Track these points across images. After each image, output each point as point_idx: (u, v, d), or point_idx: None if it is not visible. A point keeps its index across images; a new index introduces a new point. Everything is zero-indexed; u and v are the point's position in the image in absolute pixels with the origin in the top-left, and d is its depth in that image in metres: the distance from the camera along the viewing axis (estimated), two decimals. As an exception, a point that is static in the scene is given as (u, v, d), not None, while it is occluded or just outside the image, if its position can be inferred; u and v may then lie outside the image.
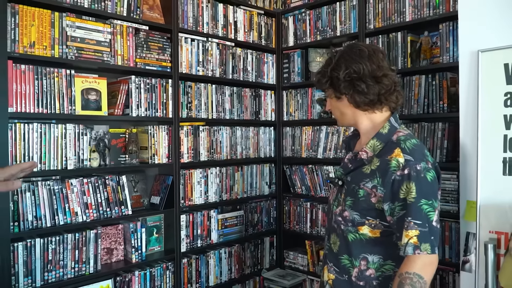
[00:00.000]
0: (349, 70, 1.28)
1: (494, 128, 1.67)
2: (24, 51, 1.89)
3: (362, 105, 1.31)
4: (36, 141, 1.93)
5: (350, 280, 1.30)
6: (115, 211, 2.20)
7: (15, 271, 1.87)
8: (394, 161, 1.20)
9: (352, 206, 1.28)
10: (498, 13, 1.71)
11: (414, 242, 1.15)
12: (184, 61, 2.51)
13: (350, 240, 1.29)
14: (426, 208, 1.17)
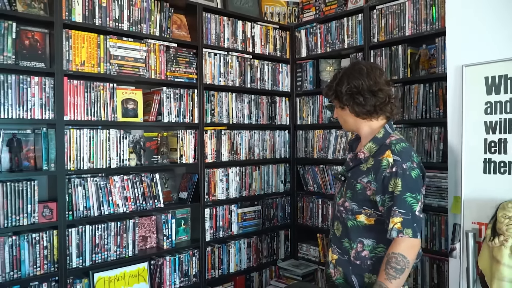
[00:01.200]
0: (350, 85, 1.57)
1: (476, 132, 1.93)
2: (76, 69, 2.25)
3: (361, 114, 1.60)
4: (86, 144, 2.29)
5: (349, 260, 1.57)
6: (149, 204, 2.54)
7: (69, 252, 2.23)
8: (385, 160, 1.48)
9: (351, 198, 1.57)
10: (480, 32, 1.97)
11: (398, 227, 1.41)
12: (208, 73, 2.84)
13: (349, 226, 1.57)
14: (410, 200, 1.43)
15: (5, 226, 2.04)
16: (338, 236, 1.63)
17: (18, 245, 2.08)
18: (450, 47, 2.07)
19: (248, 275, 3.10)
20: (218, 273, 2.90)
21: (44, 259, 2.16)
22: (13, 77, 2.07)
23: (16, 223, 2.07)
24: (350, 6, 3.04)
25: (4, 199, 2.04)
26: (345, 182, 1.63)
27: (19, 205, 2.08)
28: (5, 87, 2.04)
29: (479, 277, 1.81)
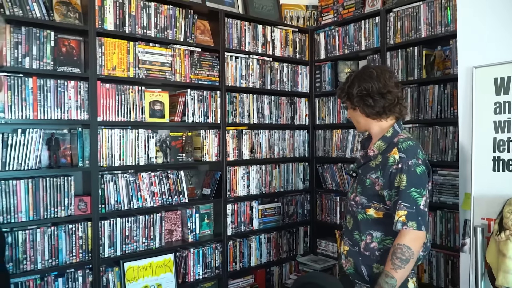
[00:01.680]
0: (361, 88, 1.68)
1: (485, 131, 2.01)
2: (108, 73, 2.43)
3: (371, 115, 1.71)
4: (117, 143, 2.47)
5: (359, 251, 1.68)
6: (175, 199, 2.71)
7: (102, 242, 2.41)
8: (392, 157, 1.58)
9: (361, 192, 1.68)
10: (489, 34, 2.05)
11: (403, 220, 1.50)
12: (229, 76, 2.99)
13: (359, 219, 1.68)
14: (415, 195, 1.52)
15: (44, 218, 2.23)
16: (350, 229, 1.74)
17: (56, 235, 2.28)
18: (461, 50, 2.16)
19: (268, 269, 3.23)
20: (240, 266, 3.04)
21: (79, 248, 2.35)
22: (52, 81, 2.27)
23: (55, 215, 2.27)
24: (367, 9, 3.13)
25: (44, 193, 2.24)
26: (356, 178, 1.74)
27: (57, 198, 2.27)
28: (44, 91, 2.24)
29: (487, 270, 1.89)
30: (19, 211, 2.16)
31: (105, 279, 2.44)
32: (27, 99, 2.19)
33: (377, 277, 1.59)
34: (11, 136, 2.16)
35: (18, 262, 2.16)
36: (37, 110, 2.22)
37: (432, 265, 2.69)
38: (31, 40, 2.20)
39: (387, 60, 2.94)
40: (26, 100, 2.18)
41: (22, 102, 2.17)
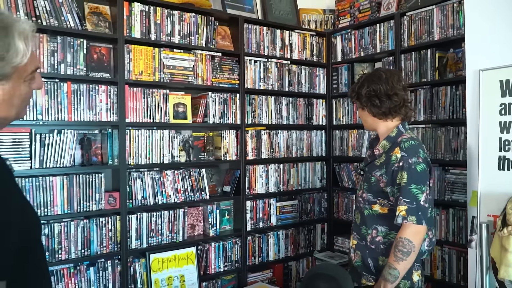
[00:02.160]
0: (369, 89, 1.80)
1: (491, 132, 2.09)
2: (135, 78, 2.62)
3: (377, 115, 1.83)
4: (143, 143, 2.65)
5: (366, 244, 1.80)
6: (197, 196, 2.87)
7: (129, 235, 2.60)
8: (394, 156, 1.70)
9: (367, 189, 1.80)
10: (496, 39, 2.13)
11: (403, 214, 1.62)
12: (249, 79, 3.13)
13: (366, 215, 1.80)
14: (415, 191, 1.63)
15: (78, 211, 2.43)
16: (358, 224, 1.85)
17: (88, 227, 2.47)
18: (469, 53, 2.24)
19: (286, 264, 3.36)
20: (258, 260, 3.18)
21: (109, 240, 2.54)
22: (84, 86, 2.46)
23: (87, 209, 2.46)
24: (382, 13, 3.22)
25: (77, 189, 2.44)
26: (364, 176, 1.86)
27: (89, 193, 2.47)
28: (78, 95, 2.44)
29: (491, 264, 1.97)
30: (55, 205, 2.37)
31: (132, 269, 2.63)
32: (62, 103, 2.39)
33: (381, 269, 1.70)
34: (48, 136, 2.36)
35: (54, 252, 2.36)
36: (71, 113, 2.42)
37: (444, 261, 2.76)
38: (66, 48, 2.40)
39: (401, 62, 3.02)
40: (61, 103, 2.39)
41: (58, 105, 2.37)
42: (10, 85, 0.93)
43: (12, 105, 0.96)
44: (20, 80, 0.95)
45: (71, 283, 2.41)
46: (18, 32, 0.91)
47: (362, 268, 1.81)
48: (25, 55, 0.93)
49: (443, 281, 2.76)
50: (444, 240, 2.77)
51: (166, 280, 2.72)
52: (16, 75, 0.93)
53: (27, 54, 0.93)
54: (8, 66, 0.90)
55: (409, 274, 1.72)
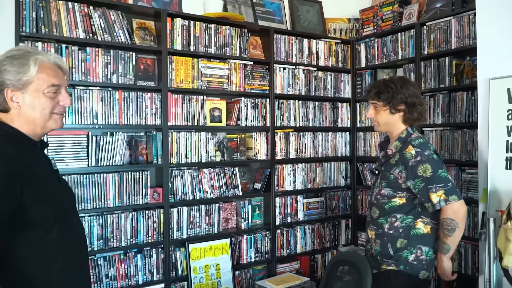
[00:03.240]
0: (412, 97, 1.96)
1: (500, 135, 2.29)
2: (176, 86, 2.93)
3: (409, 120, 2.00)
4: (183, 144, 2.96)
5: (383, 232, 1.99)
6: (230, 192, 3.17)
7: (171, 227, 2.91)
8: (408, 153, 1.91)
9: (386, 186, 2.00)
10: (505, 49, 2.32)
11: (444, 198, 1.82)
12: (278, 85, 3.40)
13: (386, 208, 2.00)
14: (444, 174, 1.86)
15: (127, 204, 2.76)
16: (375, 217, 2.06)
17: (136, 219, 2.80)
18: (480, 63, 2.44)
19: (312, 256, 3.61)
20: (286, 252, 3.45)
21: (154, 230, 2.86)
22: (133, 93, 2.79)
23: (135, 202, 2.79)
24: (404, 23, 3.43)
25: (126, 184, 2.77)
26: (379, 175, 2.09)
27: (136, 189, 2.80)
28: (127, 101, 2.77)
29: (498, 254, 2.17)
30: (108, 199, 2.70)
31: (174, 257, 2.94)
32: (114, 108, 2.73)
33: (400, 251, 1.92)
34: (102, 138, 2.70)
35: (107, 240, 2.70)
36: (121, 117, 2.75)
37: (461, 254, 2.95)
38: (118, 60, 2.74)
39: (421, 69, 3.22)
40: (113, 109, 2.72)
41: (111, 111, 2.71)
42: (29, 95, 1.33)
43: (34, 110, 1.34)
44: (38, 92, 1.33)
45: (121, 267, 2.74)
46: (33, 57, 1.33)
47: (382, 255, 2.00)
48: (33, 71, 1.31)
49: (460, 272, 2.95)
50: (460, 235, 2.96)
51: (203, 268, 3.02)
52: (31, 87, 1.32)
53: (34, 71, 1.32)
54: (23, 79, 1.31)
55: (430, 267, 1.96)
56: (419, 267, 1.92)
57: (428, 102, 3.18)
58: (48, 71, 1.36)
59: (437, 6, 3.19)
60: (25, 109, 1.34)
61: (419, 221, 1.94)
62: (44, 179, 1.35)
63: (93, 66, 2.64)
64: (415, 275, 1.92)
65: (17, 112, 1.33)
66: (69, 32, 2.54)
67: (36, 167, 1.34)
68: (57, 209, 1.34)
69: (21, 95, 1.32)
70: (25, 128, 1.35)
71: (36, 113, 1.35)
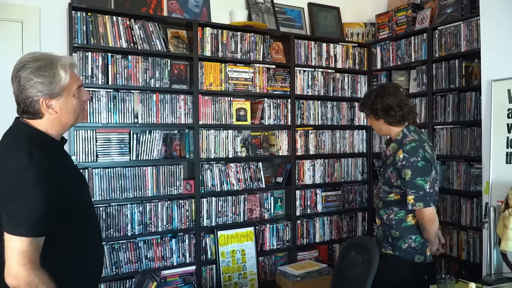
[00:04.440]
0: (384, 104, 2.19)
1: (501, 132, 2.51)
2: (206, 88, 3.25)
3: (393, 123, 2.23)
4: (212, 140, 3.28)
5: (383, 222, 2.27)
6: (255, 185, 3.47)
7: (202, 215, 3.24)
8: (398, 157, 2.13)
9: (384, 183, 2.26)
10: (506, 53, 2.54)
11: (412, 202, 2.08)
12: (298, 86, 3.68)
13: (386, 201, 2.25)
14: (421, 182, 2.07)
15: (163, 194, 3.09)
16: (378, 208, 2.32)
17: (171, 207, 3.13)
18: (484, 66, 2.66)
19: (330, 246, 3.87)
20: (306, 241, 3.72)
21: (186, 218, 3.18)
22: (168, 96, 3.12)
23: (170, 193, 3.12)
24: (417, 27, 3.65)
25: (163, 177, 3.10)
26: (381, 173, 2.34)
27: (171, 181, 3.13)
28: (163, 103, 3.10)
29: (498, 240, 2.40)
30: (147, 189, 3.04)
31: (204, 242, 3.26)
32: (152, 109, 3.06)
33: (395, 240, 2.20)
34: (142, 136, 3.04)
35: (146, 225, 3.04)
36: (158, 117, 3.08)
37: (469, 244, 3.17)
38: (155, 66, 3.07)
39: (432, 71, 3.45)
40: (151, 110, 3.06)
41: (149, 111, 3.05)
42: (63, 100, 1.41)
43: (68, 113, 1.43)
44: (69, 96, 1.42)
45: (158, 250, 3.07)
46: (60, 64, 1.39)
47: (383, 240, 2.27)
48: (66, 78, 1.39)
49: (468, 261, 3.17)
50: (469, 225, 3.18)
51: (230, 252, 3.33)
52: (65, 92, 1.40)
53: (67, 78, 1.39)
54: (58, 87, 1.38)
55: (423, 251, 2.21)
56: (412, 252, 2.18)
57: (439, 102, 3.41)
58: (72, 74, 1.44)
59: (448, 12, 3.41)
60: (61, 114, 1.41)
61: (410, 216, 2.18)
62: (74, 175, 1.51)
63: (134, 72, 2.98)
64: (410, 259, 2.18)
65: (52, 117, 1.41)
66: (114, 43, 2.89)
67: (66, 165, 1.48)
68: (85, 199, 1.52)
69: (57, 102, 1.39)
70: (53, 130, 1.44)
71: (71, 115, 1.45)
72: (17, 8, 2.75)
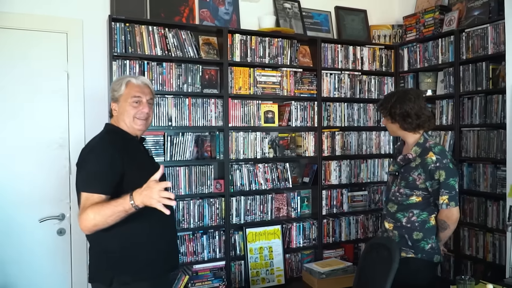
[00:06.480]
0: (402, 110, 2.30)
1: (525, 136, 2.54)
2: (236, 92, 3.40)
3: (408, 129, 2.34)
4: (241, 142, 3.43)
5: (401, 225, 2.34)
6: (282, 184, 3.60)
7: (231, 213, 3.39)
8: (429, 159, 2.23)
9: (405, 186, 2.33)
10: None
11: (446, 202, 2.19)
12: (325, 89, 3.77)
13: (405, 204, 2.33)
14: (453, 183, 2.20)
15: (195, 193, 3.27)
16: (393, 212, 2.39)
17: (202, 205, 3.30)
18: (509, 69, 2.68)
19: (356, 244, 3.95)
20: (332, 240, 3.82)
21: (217, 216, 3.35)
22: (200, 99, 3.29)
23: (201, 191, 3.29)
24: (444, 29, 3.67)
25: (194, 176, 3.27)
26: (398, 176, 2.39)
27: (202, 180, 3.30)
28: (195, 106, 3.27)
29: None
30: (180, 188, 3.23)
31: (233, 239, 3.42)
32: (185, 112, 3.23)
33: (417, 242, 2.27)
34: (175, 138, 3.22)
35: (179, 222, 3.22)
36: (190, 120, 3.26)
37: (495, 246, 3.19)
38: (187, 72, 3.25)
39: (459, 73, 3.47)
40: (184, 113, 3.23)
41: (182, 115, 3.22)
42: (121, 104, 1.99)
43: (123, 115, 1.98)
44: (126, 102, 1.97)
45: (190, 245, 3.25)
46: (124, 81, 2.00)
47: (400, 244, 2.33)
48: (122, 90, 1.98)
49: (494, 263, 3.19)
50: (495, 228, 3.20)
51: (258, 249, 3.48)
52: (122, 98, 1.98)
53: (124, 90, 1.98)
54: (118, 94, 1.99)
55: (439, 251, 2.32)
56: (432, 253, 2.28)
57: (466, 104, 3.43)
58: (133, 88, 1.99)
59: (475, 14, 3.42)
60: (118, 114, 2.00)
61: (432, 216, 2.29)
62: (138, 159, 1.97)
63: (168, 78, 3.16)
64: (430, 260, 2.28)
65: (116, 116, 2.02)
66: (150, 51, 3.08)
67: (132, 151, 1.96)
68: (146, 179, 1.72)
69: (116, 105, 2.01)
70: (122, 126, 2.00)
71: (124, 117, 1.98)
72: (62, 20, 2.98)
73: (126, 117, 1.98)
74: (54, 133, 2.98)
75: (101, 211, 1.69)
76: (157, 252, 1.95)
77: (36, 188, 2.90)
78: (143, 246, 1.90)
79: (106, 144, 1.90)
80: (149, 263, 1.92)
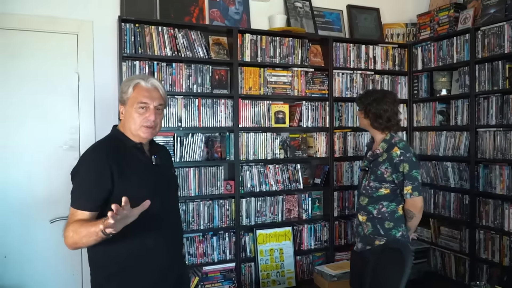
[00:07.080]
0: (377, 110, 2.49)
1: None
2: (246, 93, 3.37)
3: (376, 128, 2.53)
4: (252, 143, 3.40)
5: (373, 216, 2.47)
6: (293, 185, 3.56)
7: (241, 214, 3.37)
8: (394, 153, 2.39)
9: (374, 179, 2.46)
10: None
11: (410, 192, 2.35)
12: (336, 89, 3.72)
13: (374, 196, 2.47)
14: (416, 174, 2.35)
15: (205, 194, 3.25)
16: (364, 205, 2.53)
17: (212, 207, 3.28)
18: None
19: (368, 247, 3.90)
20: (343, 242, 3.77)
21: (227, 217, 3.33)
22: (209, 100, 3.27)
23: (211, 192, 3.28)
24: (459, 27, 3.59)
25: (204, 177, 3.26)
26: (368, 171, 2.51)
27: (212, 181, 3.28)
28: (205, 107, 3.25)
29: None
30: (190, 189, 3.21)
31: (243, 240, 3.40)
32: (194, 113, 3.22)
33: (389, 231, 2.42)
34: (185, 139, 3.20)
35: (189, 223, 3.21)
36: (200, 120, 3.24)
37: (511, 250, 3.11)
38: (197, 72, 3.23)
39: (475, 72, 3.38)
40: (194, 114, 3.22)
41: (192, 115, 3.21)
42: (127, 108, 1.81)
43: (129, 121, 1.79)
44: (132, 107, 1.78)
45: (200, 247, 3.24)
46: (133, 83, 1.81)
47: (374, 234, 2.47)
48: (130, 93, 1.79)
49: (510, 267, 3.11)
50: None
51: (268, 251, 3.45)
52: (129, 102, 1.80)
53: (131, 93, 1.79)
54: (125, 96, 1.81)
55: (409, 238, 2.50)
56: (402, 240, 2.44)
57: (482, 104, 3.34)
58: (140, 92, 1.77)
59: (491, 12, 3.33)
60: (125, 119, 1.82)
61: (400, 207, 2.46)
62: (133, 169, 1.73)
63: (178, 78, 3.15)
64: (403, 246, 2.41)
65: (123, 120, 1.83)
66: (159, 51, 3.07)
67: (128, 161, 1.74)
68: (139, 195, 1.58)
69: (124, 108, 1.83)
70: (126, 132, 1.81)
71: (130, 124, 1.79)
72: (73, 22, 2.99)
73: (132, 124, 1.78)
74: (65, 134, 3.00)
75: (78, 230, 1.57)
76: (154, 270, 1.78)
77: (47, 189, 2.92)
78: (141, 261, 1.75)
79: (98, 154, 1.72)
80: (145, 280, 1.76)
